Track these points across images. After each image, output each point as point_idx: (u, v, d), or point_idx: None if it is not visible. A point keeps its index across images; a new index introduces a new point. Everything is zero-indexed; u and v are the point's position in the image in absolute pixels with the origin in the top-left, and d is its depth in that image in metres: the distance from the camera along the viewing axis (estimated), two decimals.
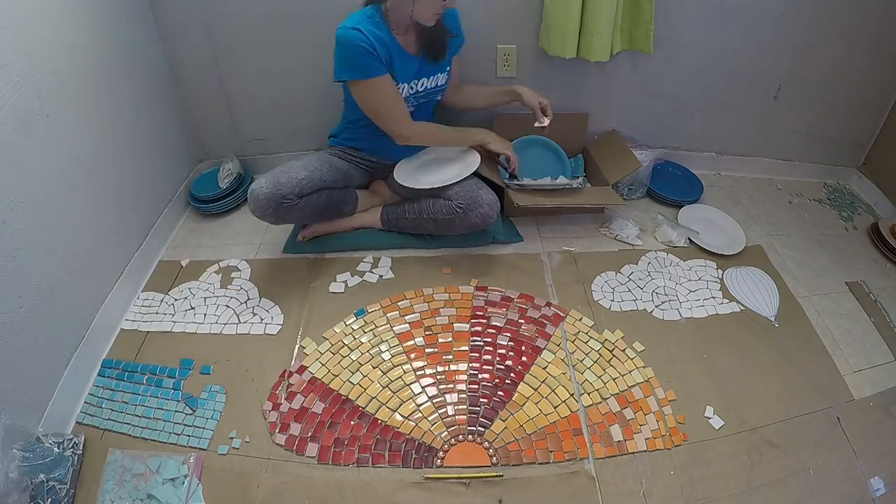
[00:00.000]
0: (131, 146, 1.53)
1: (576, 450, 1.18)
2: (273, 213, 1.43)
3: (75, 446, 1.14)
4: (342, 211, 1.62)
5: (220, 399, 1.26)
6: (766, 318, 1.48)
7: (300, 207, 1.47)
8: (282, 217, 1.46)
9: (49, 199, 1.20)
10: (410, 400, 1.26)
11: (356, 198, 1.65)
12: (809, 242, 1.76)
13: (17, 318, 1.10)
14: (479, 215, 1.49)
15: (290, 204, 1.44)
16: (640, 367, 1.34)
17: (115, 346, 1.39)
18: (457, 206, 1.50)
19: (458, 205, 1.50)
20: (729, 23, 1.70)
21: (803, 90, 1.85)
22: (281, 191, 1.41)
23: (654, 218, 1.77)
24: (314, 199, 1.49)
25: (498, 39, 1.74)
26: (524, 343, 1.38)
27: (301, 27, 1.64)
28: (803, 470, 1.16)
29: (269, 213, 1.43)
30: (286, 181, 1.43)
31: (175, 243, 1.70)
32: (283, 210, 1.44)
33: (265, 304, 1.49)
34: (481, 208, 1.49)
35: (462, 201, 1.49)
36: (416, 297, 1.49)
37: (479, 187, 1.52)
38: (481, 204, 1.49)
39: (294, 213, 1.47)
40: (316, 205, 1.51)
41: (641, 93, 1.86)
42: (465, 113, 1.77)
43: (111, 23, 1.44)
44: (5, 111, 1.07)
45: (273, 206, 1.42)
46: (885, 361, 1.40)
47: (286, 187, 1.42)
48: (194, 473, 1.12)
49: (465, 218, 1.50)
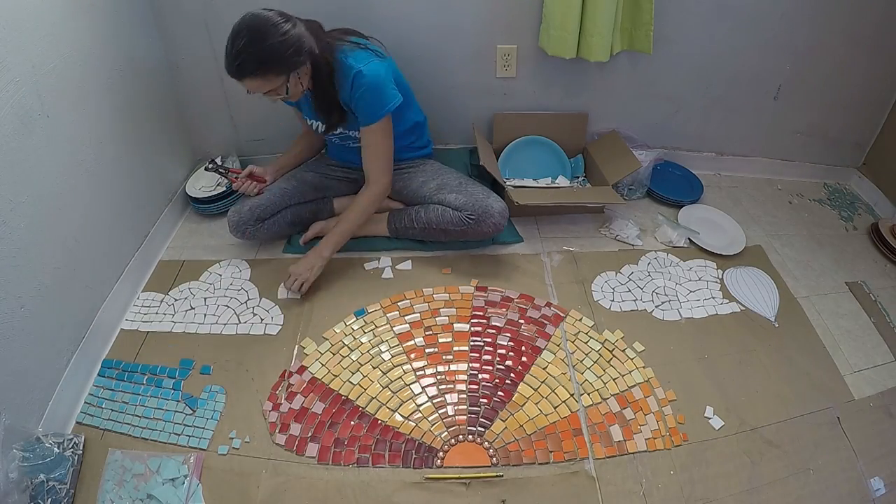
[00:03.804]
0: (131, 146, 1.53)
1: (576, 450, 1.18)
2: (242, 236, 1.58)
3: (75, 446, 1.14)
4: (317, 219, 1.68)
5: (220, 399, 1.26)
6: (766, 319, 1.48)
7: (264, 229, 1.58)
8: (252, 238, 1.61)
9: (49, 199, 1.20)
10: (410, 400, 1.26)
11: (331, 206, 1.69)
12: (809, 242, 1.76)
13: (17, 318, 1.09)
14: (491, 224, 1.49)
15: (252, 229, 1.56)
16: (640, 367, 1.34)
17: (115, 346, 1.39)
18: (468, 217, 1.50)
19: (469, 216, 1.49)
20: (729, 23, 1.70)
21: (803, 90, 1.85)
22: (243, 217, 1.55)
23: (654, 218, 1.77)
24: (278, 220, 1.60)
25: (498, 39, 1.74)
26: (524, 343, 1.38)
27: None
28: (803, 470, 1.16)
29: (240, 236, 1.59)
30: (247, 209, 1.55)
31: (175, 243, 1.70)
32: (250, 234, 1.57)
33: (265, 304, 1.49)
34: (492, 217, 1.48)
35: (472, 212, 1.49)
36: (416, 297, 1.49)
37: (488, 195, 1.51)
38: (492, 213, 1.48)
39: (262, 235, 1.59)
40: (282, 223, 1.61)
41: (641, 93, 1.87)
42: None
43: (111, 23, 1.43)
44: (5, 111, 1.07)
45: (240, 231, 1.56)
46: (885, 361, 1.40)
47: (247, 214, 1.55)
48: (194, 473, 1.12)
49: (476, 228, 1.50)
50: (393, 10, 1.66)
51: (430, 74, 1.78)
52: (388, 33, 1.54)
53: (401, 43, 1.67)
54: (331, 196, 1.69)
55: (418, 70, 1.74)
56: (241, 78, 1.26)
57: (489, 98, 1.86)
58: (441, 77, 1.80)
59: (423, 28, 1.70)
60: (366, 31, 1.47)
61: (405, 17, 1.67)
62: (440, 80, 1.81)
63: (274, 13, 1.26)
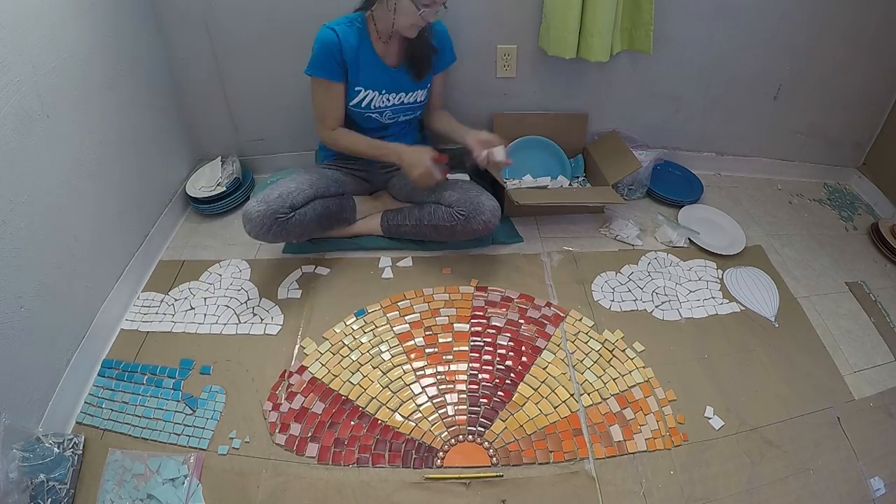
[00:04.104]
0: (131, 146, 1.53)
1: (576, 450, 1.18)
2: (269, 231, 1.41)
3: (75, 446, 1.14)
4: (342, 217, 1.61)
5: (220, 399, 1.26)
6: (766, 319, 1.48)
7: (295, 221, 1.44)
8: (279, 234, 1.43)
9: (49, 199, 1.20)
10: (410, 400, 1.26)
11: (354, 203, 1.64)
12: (809, 242, 1.76)
13: (17, 318, 1.10)
14: (482, 222, 1.48)
15: (283, 218, 1.41)
16: (640, 367, 1.34)
17: (115, 346, 1.39)
18: (458, 213, 1.49)
19: (460, 212, 1.49)
20: (729, 23, 1.70)
21: (803, 90, 1.85)
22: (272, 206, 1.39)
23: (654, 218, 1.77)
24: (309, 211, 1.47)
25: (498, 39, 1.74)
26: (524, 343, 1.38)
27: (301, 27, 1.64)
28: (803, 470, 1.16)
29: (265, 232, 1.41)
30: (276, 196, 1.41)
31: (175, 243, 1.70)
32: (279, 226, 1.41)
33: (265, 304, 1.49)
34: (483, 215, 1.48)
35: (464, 208, 1.49)
36: (416, 297, 1.49)
37: (481, 193, 1.51)
38: (483, 210, 1.47)
39: (291, 228, 1.44)
40: (311, 216, 1.48)
41: (641, 93, 1.86)
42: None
43: (112, 23, 1.43)
44: (5, 111, 1.07)
45: (267, 223, 1.39)
46: (885, 361, 1.40)
47: (277, 202, 1.40)
48: (194, 473, 1.12)
49: (466, 225, 1.49)
50: None
51: None
52: None
53: None
54: (349, 193, 1.65)
55: None
56: None
57: (489, 98, 1.86)
58: None
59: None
60: None
61: None
62: None
63: None
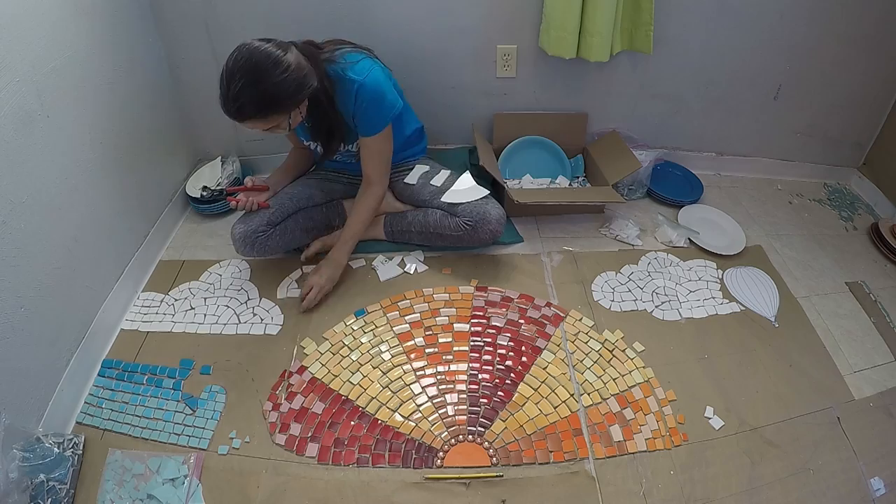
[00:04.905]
0: (131, 146, 1.53)
1: (576, 450, 1.18)
2: (252, 248, 1.45)
3: (75, 446, 1.14)
4: (329, 225, 1.61)
5: (220, 399, 1.26)
6: (767, 319, 1.48)
7: (277, 235, 1.47)
8: (263, 250, 1.47)
9: (49, 199, 1.20)
10: (410, 400, 1.26)
11: (343, 209, 1.63)
12: (809, 242, 1.76)
13: (17, 318, 1.10)
14: (488, 231, 1.49)
15: (264, 236, 1.45)
16: (640, 367, 1.34)
17: (115, 346, 1.39)
18: (465, 223, 1.49)
19: (467, 222, 1.49)
20: (729, 23, 1.70)
21: (803, 90, 1.85)
22: (251, 226, 1.44)
23: (654, 218, 1.77)
24: (290, 224, 1.51)
25: (498, 39, 1.74)
26: (524, 343, 1.38)
27: (301, 27, 1.64)
28: (803, 470, 1.16)
29: (248, 249, 1.45)
30: (254, 215, 1.45)
31: (175, 243, 1.70)
32: (261, 243, 1.45)
33: (265, 304, 1.49)
34: (489, 224, 1.48)
35: (470, 218, 1.49)
36: (416, 297, 1.49)
37: (487, 202, 1.51)
38: (489, 220, 1.48)
39: (273, 243, 1.47)
40: (294, 228, 1.51)
41: (641, 93, 1.86)
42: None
43: (111, 23, 1.43)
44: (5, 111, 1.07)
45: (249, 242, 1.44)
46: (885, 361, 1.40)
47: (256, 220, 1.45)
48: (194, 473, 1.12)
49: (473, 234, 1.50)
50: (393, 11, 1.65)
51: (430, 75, 1.78)
52: (388, 35, 1.54)
53: (401, 44, 1.67)
54: (338, 199, 1.65)
55: (418, 70, 1.74)
56: (241, 121, 1.21)
57: (489, 98, 1.87)
58: (441, 77, 1.80)
59: (423, 29, 1.70)
60: (366, 32, 1.47)
61: (405, 18, 1.67)
62: (440, 81, 1.81)
63: (271, 46, 1.19)
